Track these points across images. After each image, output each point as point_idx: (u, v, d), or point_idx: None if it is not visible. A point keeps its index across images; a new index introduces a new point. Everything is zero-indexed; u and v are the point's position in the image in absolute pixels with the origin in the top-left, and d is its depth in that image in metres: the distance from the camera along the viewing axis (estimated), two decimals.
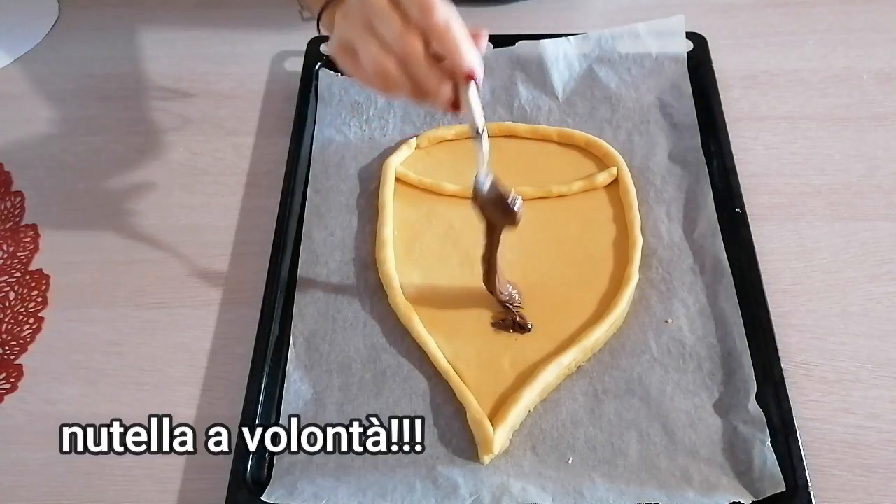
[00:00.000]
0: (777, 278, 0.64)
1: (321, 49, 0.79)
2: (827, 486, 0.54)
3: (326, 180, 0.71)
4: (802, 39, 0.84)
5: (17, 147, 0.77)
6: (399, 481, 0.53)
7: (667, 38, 0.77)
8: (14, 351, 0.63)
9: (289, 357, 0.60)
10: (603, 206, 0.68)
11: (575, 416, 0.56)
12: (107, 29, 0.89)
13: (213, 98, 0.81)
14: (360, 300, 0.63)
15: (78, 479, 0.56)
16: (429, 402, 0.57)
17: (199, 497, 0.55)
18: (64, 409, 0.59)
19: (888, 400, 0.58)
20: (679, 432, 0.55)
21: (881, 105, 0.77)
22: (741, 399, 0.56)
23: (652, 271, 0.63)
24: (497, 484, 0.53)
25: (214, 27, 0.88)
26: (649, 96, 0.75)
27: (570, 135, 0.73)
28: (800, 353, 0.60)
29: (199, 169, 0.75)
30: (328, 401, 0.58)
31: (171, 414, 0.58)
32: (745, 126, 0.75)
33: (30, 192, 0.74)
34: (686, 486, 0.52)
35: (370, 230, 0.67)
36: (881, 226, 0.68)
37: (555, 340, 0.60)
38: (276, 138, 0.76)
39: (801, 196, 0.70)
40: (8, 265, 0.68)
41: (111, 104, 0.81)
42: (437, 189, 0.70)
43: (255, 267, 0.66)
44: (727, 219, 0.65)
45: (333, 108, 0.76)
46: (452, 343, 0.60)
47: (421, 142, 0.73)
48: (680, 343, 0.59)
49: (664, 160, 0.71)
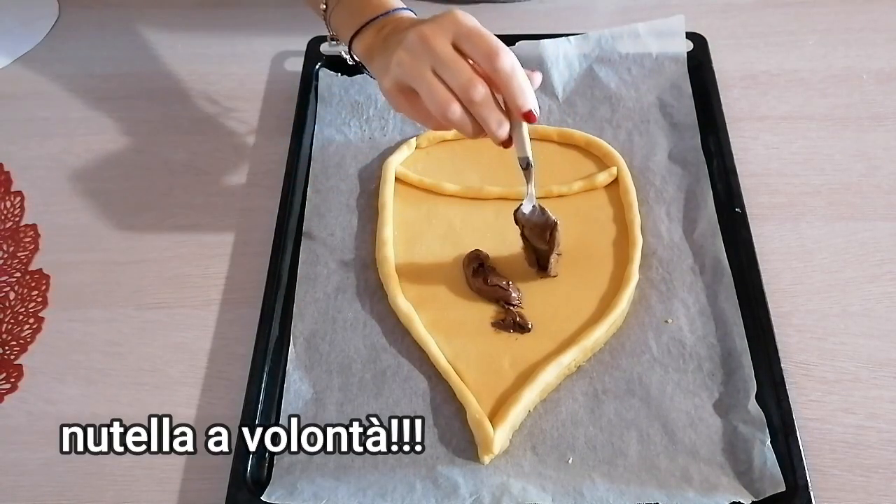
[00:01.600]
0: (777, 278, 0.64)
1: (321, 49, 0.80)
2: (827, 486, 0.54)
3: (326, 180, 0.71)
4: (802, 39, 0.84)
5: (17, 147, 0.77)
6: (399, 481, 0.53)
7: (667, 38, 0.77)
8: (14, 351, 0.63)
9: (289, 357, 0.60)
10: (603, 206, 0.68)
11: (575, 416, 0.56)
12: (107, 29, 0.89)
13: (213, 98, 0.81)
14: (360, 300, 0.63)
15: (78, 479, 0.56)
16: (429, 402, 0.57)
17: (199, 497, 0.55)
18: (64, 409, 0.59)
19: (888, 400, 0.58)
20: (679, 432, 0.55)
21: (881, 105, 0.77)
22: (741, 399, 0.56)
23: (652, 271, 0.63)
24: (497, 484, 0.53)
25: (214, 27, 0.88)
26: (649, 96, 0.75)
27: (570, 135, 0.73)
28: (800, 353, 0.60)
29: (199, 169, 0.75)
30: (328, 401, 0.58)
31: (171, 414, 0.58)
32: (745, 126, 0.75)
33: (30, 192, 0.74)
34: (686, 486, 0.52)
35: (370, 230, 0.67)
36: (881, 226, 0.68)
37: (555, 340, 0.60)
38: (276, 138, 0.76)
39: (801, 196, 0.70)
40: (8, 265, 0.68)
41: (111, 104, 0.81)
42: (437, 189, 0.70)
43: (255, 267, 0.66)
44: (727, 219, 0.65)
45: (333, 108, 0.76)
46: (452, 343, 0.60)
47: (421, 142, 0.73)
48: (680, 343, 0.59)
49: (664, 160, 0.71)
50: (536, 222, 0.60)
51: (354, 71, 0.78)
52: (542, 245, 0.61)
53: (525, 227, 0.61)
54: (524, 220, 0.61)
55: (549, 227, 0.60)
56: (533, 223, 0.61)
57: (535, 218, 0.60)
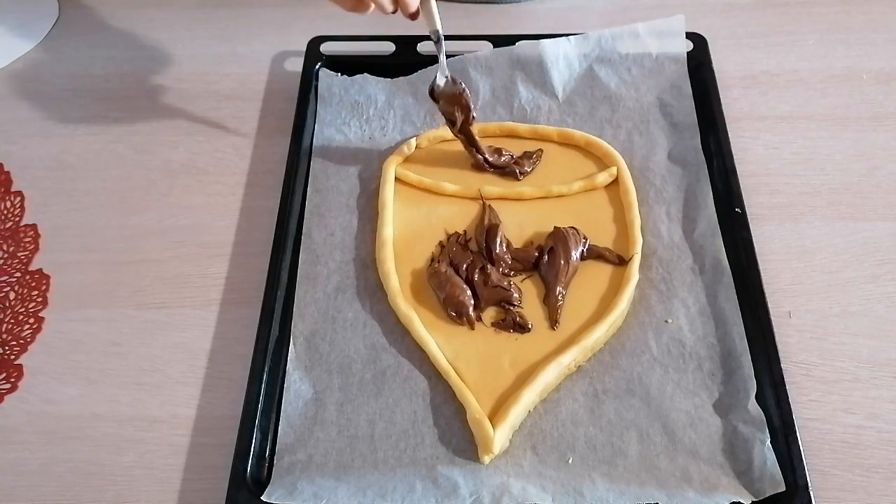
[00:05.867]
0: (777, 278, 0.64)
1: (321, 49, 0.80)
2: (827, 486, 0.54)
3: (326, 180, 0.71)
4: (802, 39, 0.84)
5: (17, 147, 0.77)
6: (399, 481, 0.53)
7: (667, 38, 0.77)
8: (14, 351, 0.63)
9: (289, 357, 0.60)
10: (603, 206, 0.68)
11: (575, 416, 0.56)
12: (107, 29, 0.89)
13: (213, 98, 0.81)
14: (360, 300, 0.63)
15: (78, 479, 0.56)
16: (429, 402, 0.57)
17: (199, 497, 0.55)
18: (64, 409, 0.60)
19: (888, 400, 0.58)
20: (679, 432, 0.55)
21: (881, 105, 0.77)
22: (741, 399, 0.56)
23: (652, 271, 0.63)
24: (497, 484, 0.53)
25: (214, 27, 0.88)
26: (649, 96, 0.75)
27: (570, 135, 0.73)
28: (800, 353, 0.60)
29: (199, 169, 0.75)
30: (328, 401, 0.58)
31: (171, 414, 0.58)
32: (745, 126, 0.75)
33: (30, 192, 0.74)
34: (686, 486, 0.52)
35: (370, 230, 0.67)
36: (881, 226, 0.68)
37: (555, 340, 0.60)
38: (276, 138, 0.76)
39: (801, 196, 0.70)
40: (8, 265, 0.68)
41: (111, 104, 0.81)
42: (437, 189, 0.70)
43: (255, 267, 0.66)
44: (727, 219, 0.65)
45: (333, 108, 0.76)
46: (452, 343, 0.60)
47: (421, 142, 0.73)
48: (680, 343, 0.59)
49: (664, 160, 0.71)
50: (450, 92, 0.67)
51: (354, 71, 0.78)
52: (459, 115, 0.67)
53: (440, 99, 0.67)
54: (438, 93, 0.67)
55: (458, 91, 0.67)
56: (447, 94, 0.67)
57: (448, 88, 0.67)
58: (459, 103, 0.67)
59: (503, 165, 0.70)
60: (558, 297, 0.61)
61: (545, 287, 0.63)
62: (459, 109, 0.67)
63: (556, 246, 0.63)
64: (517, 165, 0.70)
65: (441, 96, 0.68)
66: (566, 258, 0.62)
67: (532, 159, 0.71)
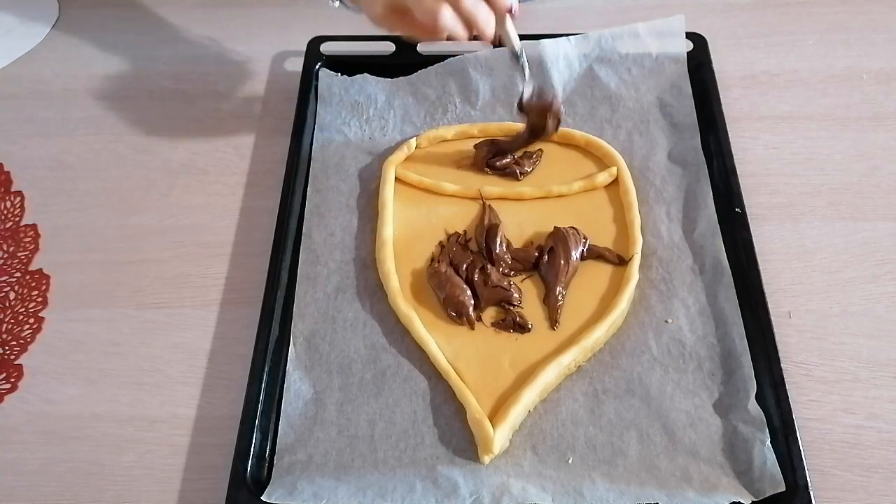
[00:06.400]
0: (777, 278, 0.64)
1: (321, 49, 0.80)
2: (827, 486, 0.54)
3: (326, 180, 0.71)
4: (802, 39, 0.84)
5: (17, 147, 0.77)
6: (399, 481, 0.53)
7: (667, 38, 0.77)
8: (14, 351, 0.63)
9: (289, 357, 0.60)
10: (603, 206, 0.68)
11: (575, 416, 0.56)
12: (107, 29, 0.89)
13: (213, 98, 0.81)
14: (360, 300, 0.63)
15: (78, 479, 0.56)
16: (429, 402, 0.57)
17: (199, 497, 0.55)
18: (64, 409, 0.60)
19: (888, 400, 0.58)
20: (679, 432, 0.55)
21: (881, 105, 0.77)
22: (741, 399, 0.56)
23: (652, 271, 0.63)
24: (497, 484, 0.53)
25: (214, 27, 0.88)
26: (649, 96, 0.75)
27: (570, 135, 0.73)
28: (800, 353, 0.60)
29: (199, 169, 0.75)
30: (328, 401, 0.58)
31: (171, 414, 0.58)
32: (745, 126, 0.75)
33: (30, 192, 0.74)
34: (686, 486, 0.52)
35: (370, 230, 0.67)
36: (881, 226, 0.68)
37: (555, 340, 0.60)
38: (276, 138, 0.76)
39: (801, 196, 0.70)
40: (8, 265, 0.68)
41: (111, 104, 0.81)
42: (437, 189, 0.70)
43: (255, 267, 0.66)
44: (727, 219, 0.65)
45: (333, 108, 0.76)
46: (452, 343, 0.60)
47: (421, 142, 0.73)
48: (680, 343, 0.59)
49: (664, 160, 0.71)
50: (540, 104, 0.67)
51: (354, 71, 0.78)
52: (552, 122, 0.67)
53: (530, 112, 0.67)
54: (529, 107, 0.67)
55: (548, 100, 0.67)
56: (538, 107, 0.67)
57: (536, 100, 0.67)
58: (551, 111, 0.67)
59: (503, 166, 0.70)
60: (558, 297, 0.61)
61: (545, 287, 0.63)
62: (552, 116, 0.67)
63: (556, 246, 0.63)
64: (517, 165, 0.70)
65: (532, 109, 0.67)
66: (566, 258, 0.62)
67: (532, 159, 0.71)
